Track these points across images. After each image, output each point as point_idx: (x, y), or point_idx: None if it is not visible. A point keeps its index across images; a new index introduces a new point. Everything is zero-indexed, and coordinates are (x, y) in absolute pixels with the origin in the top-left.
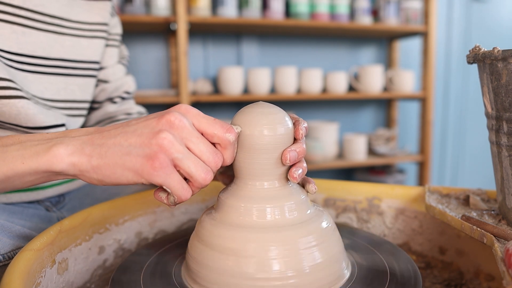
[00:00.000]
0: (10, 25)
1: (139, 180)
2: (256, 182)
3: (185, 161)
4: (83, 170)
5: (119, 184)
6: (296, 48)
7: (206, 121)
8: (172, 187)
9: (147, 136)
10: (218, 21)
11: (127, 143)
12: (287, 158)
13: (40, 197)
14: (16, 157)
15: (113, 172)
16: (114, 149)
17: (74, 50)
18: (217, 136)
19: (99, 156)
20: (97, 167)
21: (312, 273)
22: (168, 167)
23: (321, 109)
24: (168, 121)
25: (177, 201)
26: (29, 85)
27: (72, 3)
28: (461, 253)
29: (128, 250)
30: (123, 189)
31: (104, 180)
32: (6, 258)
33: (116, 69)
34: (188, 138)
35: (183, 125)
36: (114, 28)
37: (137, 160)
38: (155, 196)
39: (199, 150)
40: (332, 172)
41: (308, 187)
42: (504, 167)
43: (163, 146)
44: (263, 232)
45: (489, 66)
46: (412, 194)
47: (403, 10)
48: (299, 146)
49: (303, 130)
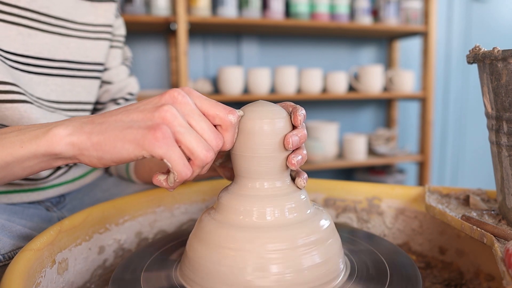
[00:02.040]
0: (16, 26)
1: (140, 152)
2: (256, 182)
3: (187, 136)
4: (82, 149)
5: (120, 160)
6: (296, 48)
7: (209, 103)
8: (173, 161)
9: (149, 110)
10: (218, 21)
11: (128, 118)
12: (290, 143)
13: (40, 197)
14: (15, 142)
15: (113, 146)
16: (115, 124)
17: (79, 51)
18: (219, 117)
19: (99, 132)
20: (97, 143)
21: (311, 273)
22: (170, 139)
23: (321, 109)
24: (172, 96)
25: (177, 179)
26: (35, 87)
27: (77, 5)
28: (461, 253)
29: (128, 250)
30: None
31: (104, 157)
32: (6, 258)
33: (120, 70)
34: (190, 115)
35: (186, 101)
36: (118, 29)
37: (138, 132)
38: (154, 180)
39: (201, 127)
40: (332, 172)
41: (297, 180)
42: (504, 167)
43: (166, 118)
44: (263, 232)
45: (489, 66)
46: (412, 194)
47: (403, 10)
48: (300, 131)
49: (301, 116)
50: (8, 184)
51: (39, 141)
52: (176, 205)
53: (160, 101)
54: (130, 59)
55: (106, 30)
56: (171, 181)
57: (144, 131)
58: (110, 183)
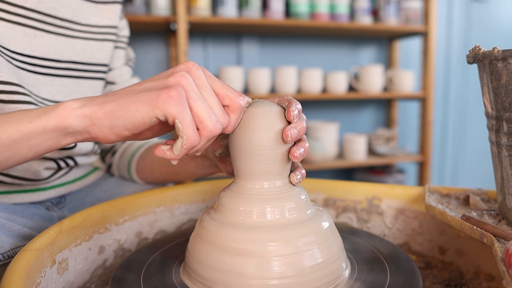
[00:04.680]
0: (22, 27)
1: (153, 112)
2: (256, 182)
3: (199, 103)
4: (94, 118)
5: (133, 124)
6: (296, 48)
7: (220, 83)
8: (185, 123)
9: (164, 77)
10: (218, 21)
11: (142, 87)
12: (288, 136)
13: (41, 198)
14: (22, 118)
15: (126, 110)
16: (129, 92)
17: (85, 52)
18: (229, 97)
19: (112, 100)
20: (109, 110)
21: (312, 273)
22: (184, 99)
23: (321, 109)
24: (187, 66)
25: (185, 144)
26: (41, 87)
27: (82, 6)
28: (461, 253)
29: (128, 250)
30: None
31: (117, 124)
32: (6, 257)
33: (123, 71)
34: (202, 87)
35: (200, 74)
36: (122, 30)
37: (152, 93)
38: (157, 151)
39: (211, 101)
40: (332, 172)
41: (291, 175)
42: (504, 167)
43: (180, 82)
44: (263, 232)
45: (489, 66)
46: (412, 194)
47: (403, 10)
48: (299, 124)
49: (295, 111)
50: (9, 184)
51: (49, 115)
52: (176, 205)
53: (175, 70)
54: (133, 59)
55: (111, 32)
56: (177, 148)
57: (158, 91)
58: (111, 183)
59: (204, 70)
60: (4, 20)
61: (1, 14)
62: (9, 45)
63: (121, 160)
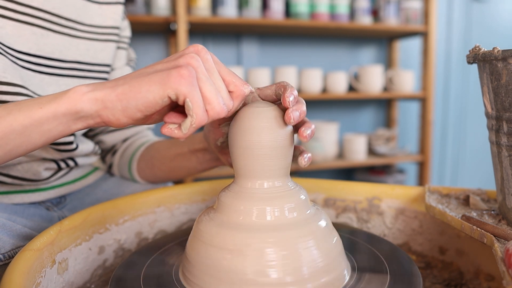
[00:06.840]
0: (30, 26)
1: (165, 91)
2: (256, 182)
3: (207, 84)
4: (106, 101)
5: (145, 105)
6: (296, 48)
7: (226, 69)
8: (195, 102)
9: (174, 58)
10: (218, 21)
11: (152, 69)
12: (291, 117)
13: (41, 198)
14: (33, 105)
15: (138, 91)
16: (139, 74)
17: (88, 53)
18: (234, 84)
19: (124, 83)
20: (122, 93)
21: (312, 273)
22: (194, 78)
23: (321, 109)
24: (196, 49)
25: (194, 123)
26: (46, 87)
27: (86, 7)
28: (461, 253)
29: (128, 250)
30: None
31: (129, 106)
32: (6, 257)
33: (124, 71)
34: (210, 70)
35: (208, 57)
36: (124, 31)
37: (163, 73)
38: (164, 129)
39: (218, 85)
40: (332, 172)
41: (299, 159)
42: (504, 167)
43: (190, 63)
44: (263, 232)
45: (489, 66)
46: (412, 194)
47: (403, 10)
48: (299, 107)
49: (290, 97)
50: (9, 185)
51: (59, 100)
52: (176, 205)
53: (185, 52)
54: (134, 60)
55: (114, 32)
56: (186, 127)
57: (169, 70)
58: (111, 183)
59: (212, 55)
60: (12, 20)
61: (9, 14)
62: (16, 45)
63: (121, 159)
